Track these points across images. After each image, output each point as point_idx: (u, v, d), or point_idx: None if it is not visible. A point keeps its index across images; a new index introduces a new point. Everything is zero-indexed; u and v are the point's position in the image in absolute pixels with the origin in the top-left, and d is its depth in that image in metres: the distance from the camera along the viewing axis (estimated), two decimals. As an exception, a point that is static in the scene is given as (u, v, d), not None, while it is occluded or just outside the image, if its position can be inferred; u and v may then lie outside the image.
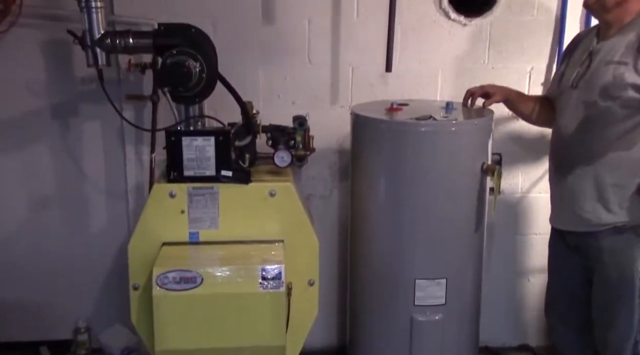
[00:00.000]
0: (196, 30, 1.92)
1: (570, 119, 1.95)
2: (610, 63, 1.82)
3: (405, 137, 2.04)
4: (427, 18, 2.49)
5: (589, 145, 1.89)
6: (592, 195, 1.90)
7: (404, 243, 2.10)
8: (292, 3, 2.43)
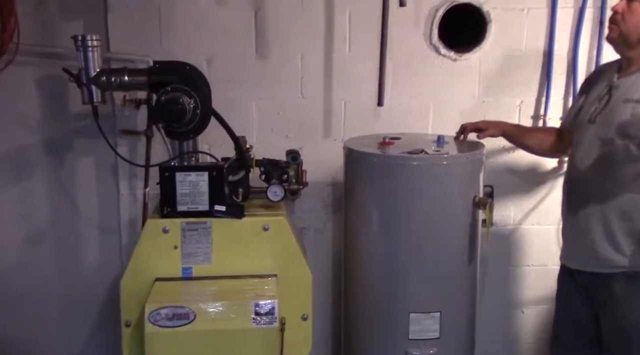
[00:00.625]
0: (190, 67, 1.95)
1: (585, 155, 1.89)
2: (630, 101, 1.78)
3: (397, 171, 2.06)
4: (418, 53, 2.54)
5: (602, 184, 1.85)
6: (603, 235, 1.85)
7: (397, 276, 2.10)
8: (285, 39, 2.48)
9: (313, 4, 2.45)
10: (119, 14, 2.37)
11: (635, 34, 1.79)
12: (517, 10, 2.51)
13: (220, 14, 2.42)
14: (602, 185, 1.85)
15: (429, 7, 2.49)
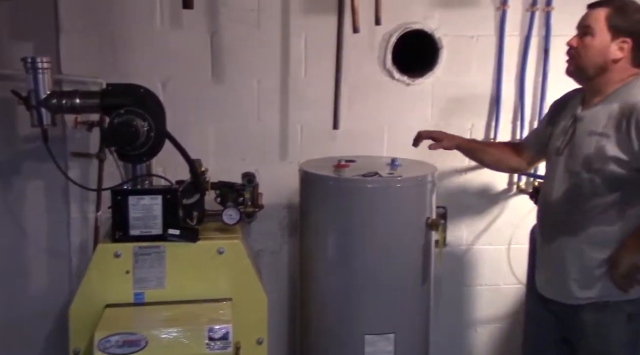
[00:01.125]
0: (145, 90, 1.94)
1: (556, 187, 1.88)
2: (593, 134, 1.77)
3: (352, 194, 2.09)
4: (372, 77, 2.60)
5: (572, 216, 1.83)
6: (573, 268, 1.84)
7: (352, 298, 2.11)
8: (241, 62, 2.49)
9: (269, 28, 2.48)
10: (71, 36, 2.34)
11: (591, 66, 1.79)
12: (467, 37, 2.60)
13: (176, 37, 2.42)
14: (573, 217, 1.83)
15: (382, 33, 2.55)
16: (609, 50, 1.75)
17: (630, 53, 1.75)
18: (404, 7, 2.53)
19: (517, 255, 2.73)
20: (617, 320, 1.79)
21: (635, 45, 1.74)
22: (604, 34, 1.75)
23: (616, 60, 1.76)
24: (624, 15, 1.74)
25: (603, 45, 1.75)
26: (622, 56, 1.75)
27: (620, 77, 1.77)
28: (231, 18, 2.44)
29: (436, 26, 2.57)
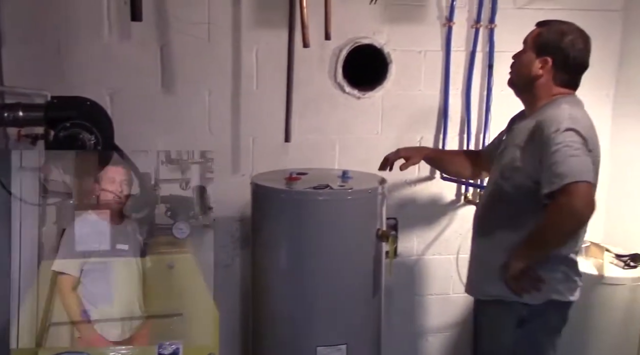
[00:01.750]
0: (91, 102, 1.91)
1: (485, 192, 2.04)
2: (514, 145, 1.87)
3: (303, 206, 2.10)
4: (324, 91, 2.63)
5: (487, 220, 1.97)
6: (482, 266, 1.98)
7: (304, 310, 2.12)
8: (192, 74, 2.48)
9: (220, 41, 2.48)
10: (15, 47, 2.28)
11: (519, 80, 1.91)
12: (415, 52, 2.67)
13: (125, 48, 2.39)
14: (487, 221, 1.97)
15: (333, 47, 2.59)
16: (532, 66, 1.84)
17: (552, 72, 1.83)
18: (354, 23, 2.58)
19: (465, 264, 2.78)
20: (508, 321, 1.86)
21: (555, 65, 1.82)
22: (531, 50, 1.85)
23: (538, 77, 1.84)
24: (549, 35, 1.84)
25: (528, 61, 1.85)
26: (543, 73, 1.83)
27: (546, 94, 1.85)
28: (181, 30, 2.43)
29: (385, 41, 2.63)
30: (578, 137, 1.70)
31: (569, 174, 1.64)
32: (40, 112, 1.87)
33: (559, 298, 1.84)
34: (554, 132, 1.70)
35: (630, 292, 2.45)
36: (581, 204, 1.65)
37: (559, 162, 1.66)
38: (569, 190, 1.64)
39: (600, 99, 2.81)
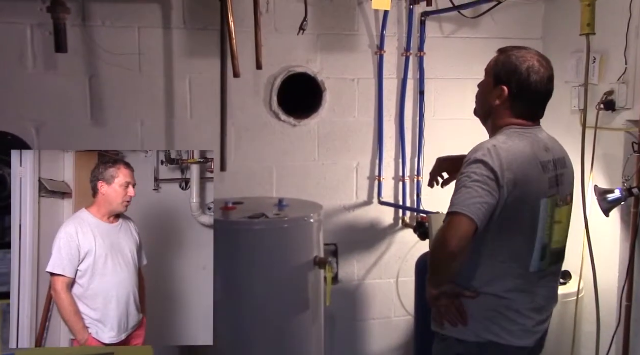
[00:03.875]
0: (13, 137, 1.84)
1: None
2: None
3: (239, 236, 2.09)
4: (259, 119, 2.63)
5: None
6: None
7: (243, 339, 2.09)
8: (123, 105, 2.44)
9: (152, 71, 2.46)
10: None
11: (480, 108, 1.82)
12: (349, 80, 2.72)
13: (51, 80, 2.33)
14: None
15: (267, 76, 2.60)
16: (490, 96, 1.74)
17: (508, 101, 1.71)
18: (288, 52, 2.61)
19: (405, 287, 2.83)
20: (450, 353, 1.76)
21: (511, 94, 1.71)
22: (489, 79, 1.76)
23: (495, 107, 1.74)
24: (505, 63, 1.73)
25: (487, 90, 1.76)
26: (500, 103, 1.72)
27: (500, 124, 1.74)
28: (111, 62, 2.38)
29: (318, 70, 2.66)
30: (486, 169, 1.60)
31: (454, 204, 1.59)
32: (-43, 148, 1.78)
33: (494, 339, 1.70)
34: (465, 162, 1.65)
35: (561, 308, 2.51)
36: (451, 235, 1.56)
37: (455, 192, 1.62)
38: (449, 219, 1.59)
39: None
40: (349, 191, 2.78)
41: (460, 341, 1.74)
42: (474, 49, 2.79)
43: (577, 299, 2.53)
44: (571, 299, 2.53)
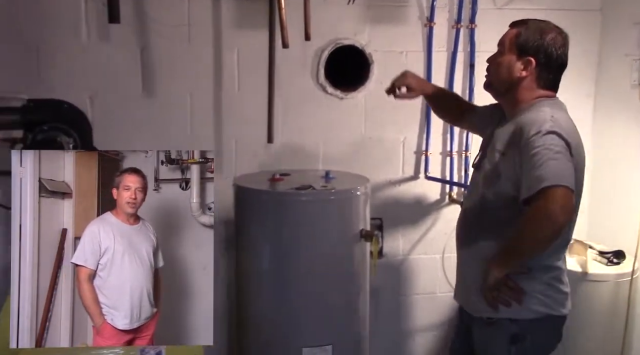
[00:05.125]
0: (68, 105, 1.89)
1: (469, 198, 1.93)
2: (496, 151, 1.78)
3: (286, 207, 2.10)
4: (306, 92, 2.62)
5: (469, 230, 1.87)
6: (468, 280, 1.85)
7: (289, 311, 2.11)
8: (173, 77, 2.46)
9: (201, 42, 2.47)
10: (-8, 49, 2.25)
11: (500, 82, 1.82)
12: (397, 53, 2.67)
13: (104, 51, 2.37)
14: (470, 230, 1.86)
15: (315, 48, 2.58)
16: (514, 68, 1.76)
17: (535, 73, 1.75)
18: (336, 23, 2.58)
19: (450, 263, 2.79)
20: (501, 340, 1.77)
21: (538, 65, 1.74)
22: (511, 52, 1.77)
23: (521, 79, 1.76)
24: (529, 35, 1.76)
25: (510, 63, 1.77)
26: (527, 75, 1.75)
27: (527, 97, 1.77)
28: (161, 33, 2.41)
29: (366, 42, 2.63)
30: (560, 140, 1.61)
31: (547, 178, 1.55)
32: (16, 115, 1.84)
33: (548, 312, 1.75)
34: (535, 135, 1.62)
35: (614, 288, 2.47)
36: (557, 209, 1.54)
37: (538, 166, 1.58)
38: (545, 194, 1.55)
39: (580, 99, 2.83)
40: (395, 165, 2.76)
41: (513, 321, 1.74)
42: (529, 20, 2.70)
43: (631, 280, 2.45)
44: (625, 279, 2.46)
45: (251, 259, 2.19)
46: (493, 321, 1.77)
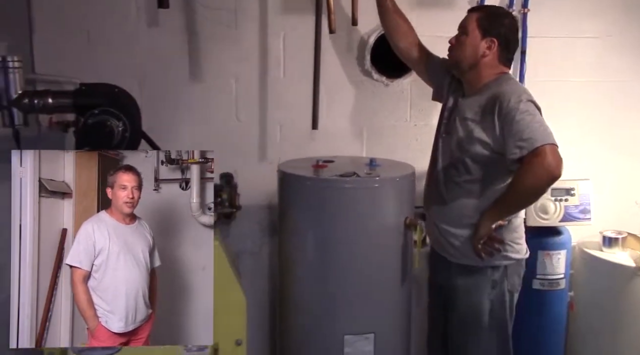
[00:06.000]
0: (119, 89, 1.91)
1: (438, 162, 2.16)
2: (465, 119, 2.04)
3: (329, 194, 2.09)
4: (351, 78, 2.60)
5: (446, 189, 2.10)
6: (443, 234, 2.11)
7: (331, 298, 2.11)
8: (219, 62, 2.48)
9: (247, 28, 2.47)
10: (45, 35, 2.31)
11: (463, 61, 2.07)
12: (444, 39, 2.58)
13: (153, 36, 2.40)
14: (445, 189, 2.10)
15: (361, 34, 2.55)
16: (479, 48, 2.03)
17: (497, 52, 2.03)
18: (383, 8, 2.53)
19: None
20: (483, 286, 2.06)
21: (500, 45, 2.03)
22: (475, 33, 2.03)
23: (484, 57, 2.03)
24: (492, 18, 2.04)
25: (474, 43, 2.03)
26: (490, 54, 2.03)
27: (490, 72, 2.05)
28: (208, 18, 2.42)
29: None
30: (535, 108, 1.94)
31: (539, 138, 1.85)
32: (69, 99, 1.87)
33: (518, 257, 2.08)
34: (516, 103, 1.90)
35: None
36: (553, 163, 1.84)
37: (526, 129, 1.86)
38: (539, 152, 1.84)
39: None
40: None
41: (494, 268, 2.05)
42: (585, 5, 2.60)
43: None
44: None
45: (294, 244, 2.19)
46: (477, 269, 2.05)
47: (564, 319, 2.63)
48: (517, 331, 2.15)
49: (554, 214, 2.52)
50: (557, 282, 2.55)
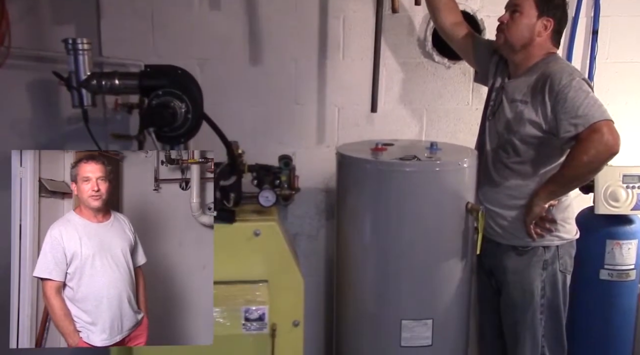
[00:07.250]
0: (182, 71, 1.94)
1: (487, 145, 2.19)
2: (514, 101, 2.05)
3: (389, 177, 2.05)
4: (411, 60, 2.55)
5: (495, 170, 2.14)
6: (495, 216, 2.14)
7: (389, 283, 2.08)
8: (279, 44, 2.48)
9: (307, 10, 2.46)
10: (112, 19, 2.36)
11: (517, 41, 2.05)
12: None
13: (214, 19, 2.42)
14: (496, 171, 2.14)
15: (423, 15, 2.49)
16: (535, 27, 2.02)
17: (551, 32, 2.04)
18: (446, -13, 2.46)
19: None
20: (535, 266, 2.08)
21: (555, 25, 2.03)
22: (531, 12, 2.01)
23: (539, 37, 2.02)
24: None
25: (530, 22, 2.02)
26: (544, 34, 2.02)
27: (540, 52, 2.05)
28: (268, 0, 2.42)
29: (478, 7, 2.49)
30: (588, 86, 1.93)
31: (595, 115, 1.85)
32: (134, 81, 1.91)
33: (569, 236, 2.10)
34: (568, 81, 1.90)
35: None
36: (612, 139, 1.84)
37: (580, 106, 1.87)
38: (597, 128, 1.84)
39: None
40: None
41: (545, 248, 2.07)
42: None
43: None
44: None
45: (352, 228, 2.18)
46: (528, 250, 2.07)
47: (633, 312, 2.52)
48: (583, 324, 2.09)
49: (625, 202, 2.40)
50: (626, 273, 2.45)
